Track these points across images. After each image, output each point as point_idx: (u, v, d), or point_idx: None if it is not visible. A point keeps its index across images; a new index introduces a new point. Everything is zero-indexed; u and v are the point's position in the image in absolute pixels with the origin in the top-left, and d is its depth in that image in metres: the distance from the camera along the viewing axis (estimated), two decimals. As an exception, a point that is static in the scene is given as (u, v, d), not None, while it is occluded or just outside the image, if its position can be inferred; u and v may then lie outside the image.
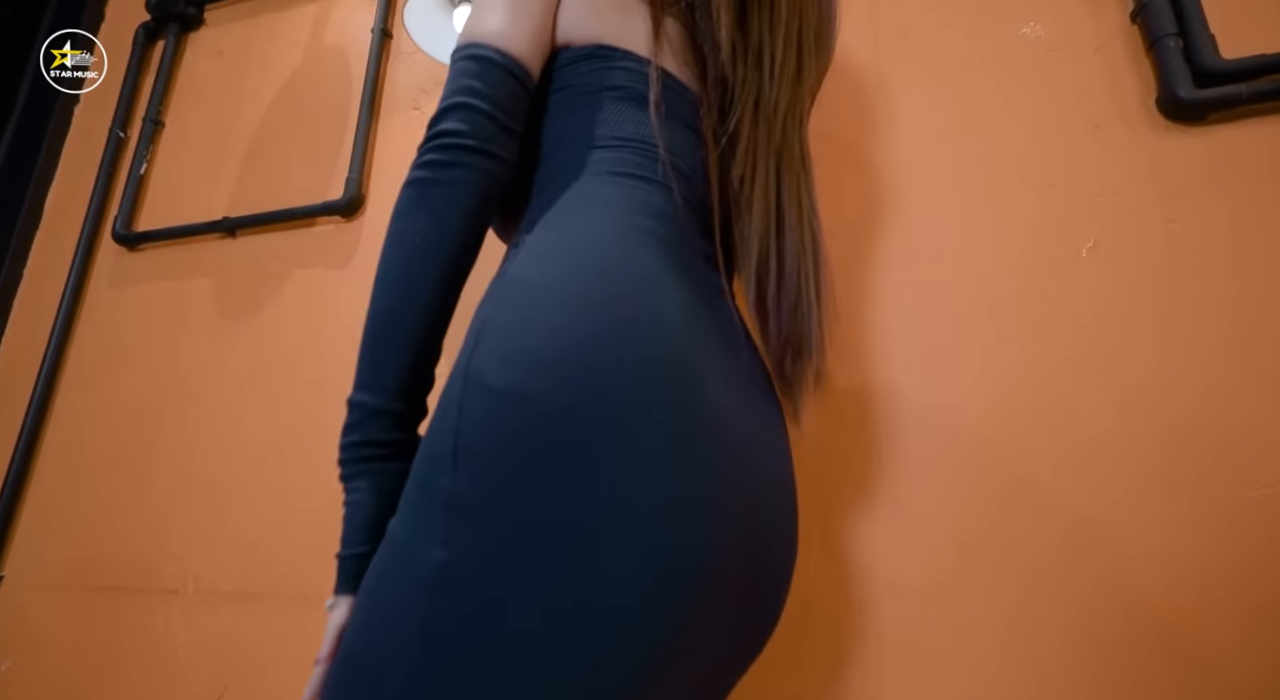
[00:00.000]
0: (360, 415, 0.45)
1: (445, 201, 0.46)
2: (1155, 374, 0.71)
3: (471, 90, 0.47)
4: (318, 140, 1.21)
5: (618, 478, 0.38)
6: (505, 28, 0.50)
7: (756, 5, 0.54)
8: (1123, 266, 0.74)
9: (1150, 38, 0.79)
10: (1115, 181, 0.77)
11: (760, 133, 0.54)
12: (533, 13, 0.51)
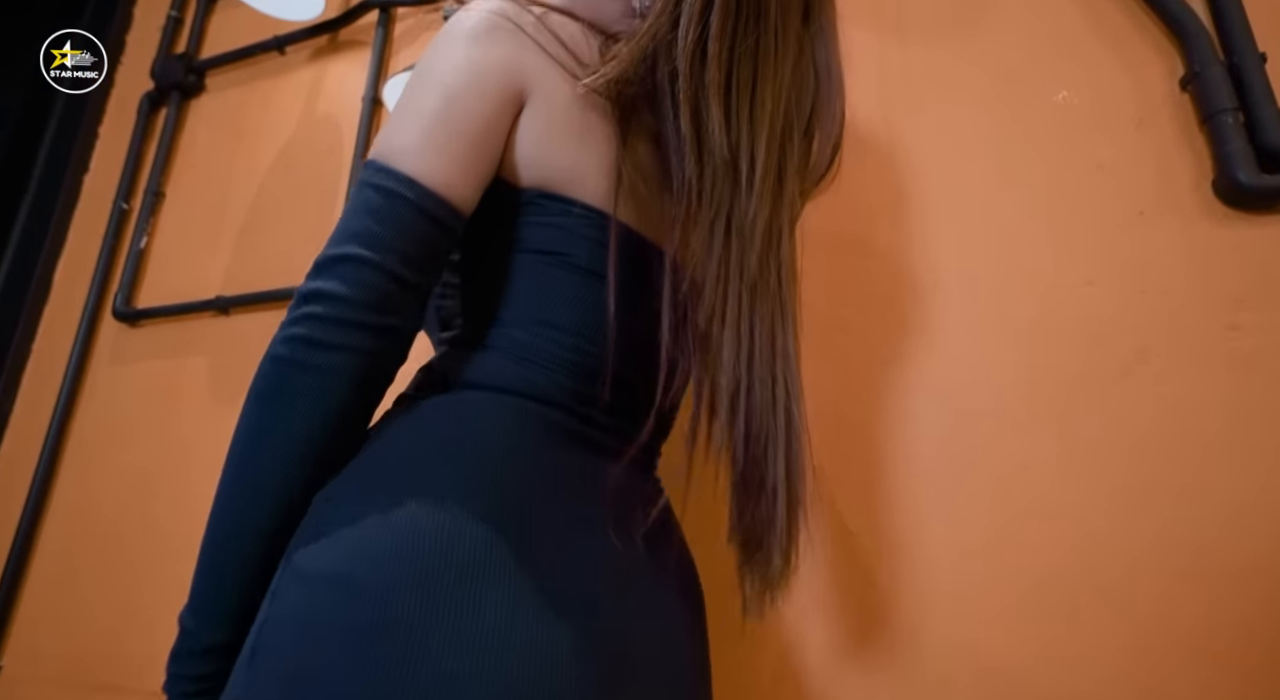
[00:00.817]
0: (186, 645, 0.39)
1: (311, 395, 0.38)
2: (1220, 510, 0.61)
3: (367, 236, 0.39)
4: (309, 215, 1.18)
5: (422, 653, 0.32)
6: (426, 147, 0.41)
7: (736, 93, 0.44)
8: (1177, 381, 0.64)
9: (1204, 111, 0.69)
10: (1165, 278, 0.68)
11: (732, 260, 0.44)
12: (469, 129, 0.42)
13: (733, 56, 0.44)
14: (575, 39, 0.47)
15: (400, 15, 1.26)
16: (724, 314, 0.44)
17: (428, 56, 0.44)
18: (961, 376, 0.72)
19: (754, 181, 0.45)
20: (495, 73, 0.43)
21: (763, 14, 0.45)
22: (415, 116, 0.41)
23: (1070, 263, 0.71)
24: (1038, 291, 0.71)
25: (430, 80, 0.42)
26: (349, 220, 0.40)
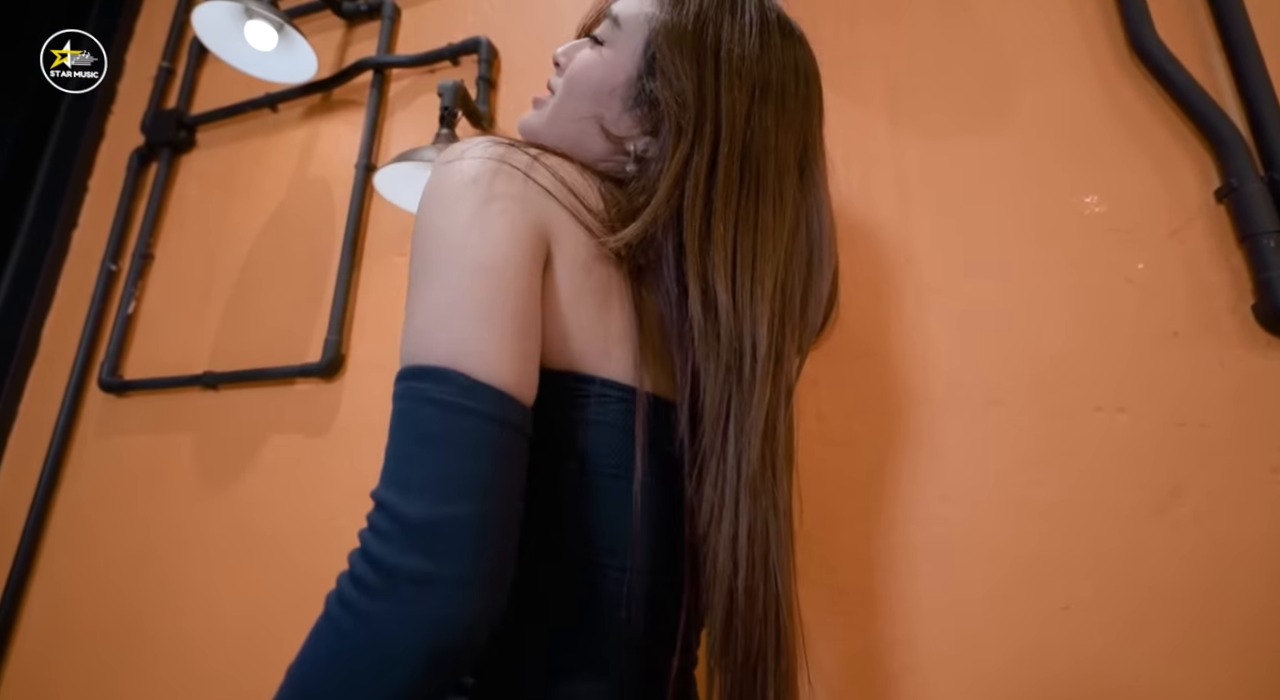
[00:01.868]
0: None
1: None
2: (1261, 672, 0.57)
3: (472, 482, 0.32)
4: (299, 286, 1.14)
5: None
6: (491, 341, 0.34)
7: (739, 272, 0.42)
8: (1217, 525, 0.60)
9: (1243, 229, 0.65)
10: (1202, 409, 0.63)
11: (730, 458, 0.41)
12: (521, 308, 0.36)
13: (737, 234, 0.42)
14: (578, 183, 0.44)
15: (395, 76, 1.22)
16: (720, 520, 0.41)
17: (438, 218, 0.38)
18: (978, 515, 0.67)
19: (756, 371, 0.42)
20: (528, 234, 0.38)
21: (762, 182, 0.44)
22: (462, 305, 0.35)
23: (1099, 386, 0.67)
24: (1063, 417, 0.67)
25: (459, 254, 0.36)
26: (437, 459, 0.32)
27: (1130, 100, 0.74)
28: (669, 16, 0.46)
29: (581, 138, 0.49)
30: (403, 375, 0.35)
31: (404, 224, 1.09)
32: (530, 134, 0.52)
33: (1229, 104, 0.70)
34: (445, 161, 0.40)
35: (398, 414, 0.34)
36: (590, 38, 0.51)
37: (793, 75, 0.49)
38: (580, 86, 0.48)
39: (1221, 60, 0.72)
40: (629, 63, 0.48)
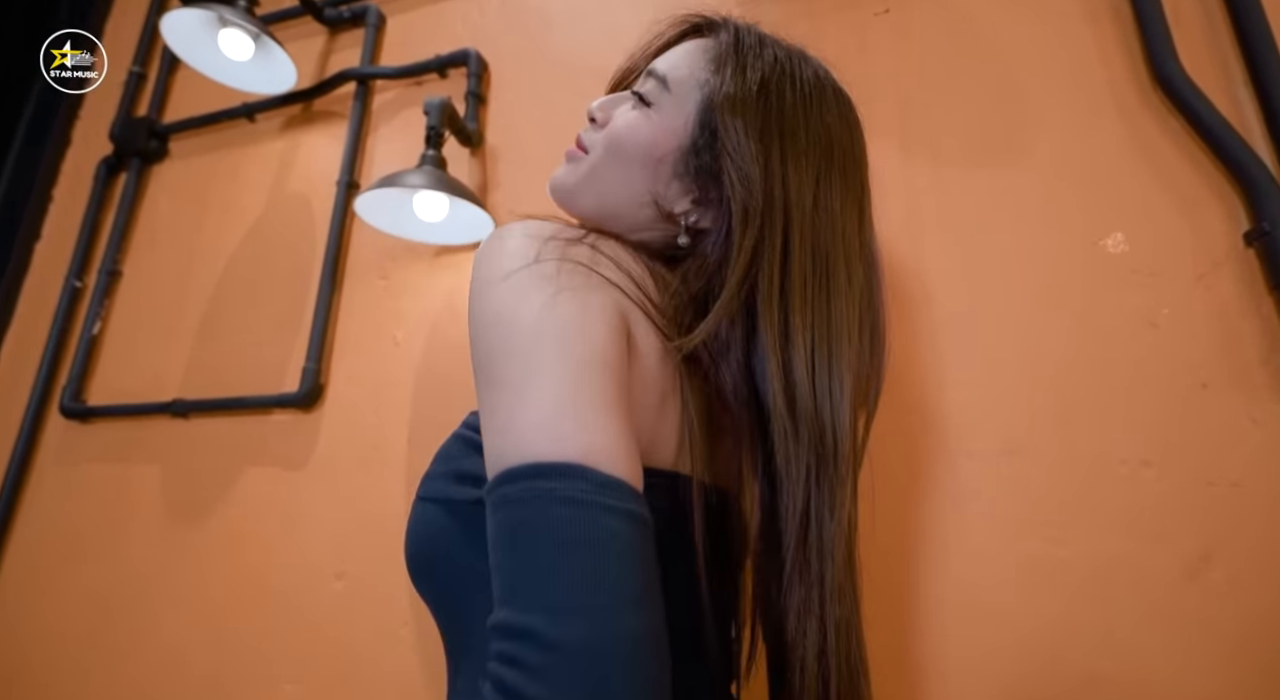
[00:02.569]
0: None
1: None
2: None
3: (613, 597, 0.27)
4: (276, 308, 1.08)
5: None
6: (617, 435, 0.31)
7: (817, 369, 0.39)
8: (1250, 594, 0.57)
9: (1274, 277, 0.62)
10: (1233, 468, 0.60)
11: (813, 562, 0.37)
12: (622, 398, 0.33)
13: (814, 328, 0.40)
14: (637, 271, 0.40)
15: (379, 87, 1.16)
16: (806, 629, 0.37)
17: (519, 310, 0.33)
18: (993, 570, 0.64)
19: (840, 470, 0.39)
20: (618, 325, 0.35)
21: (833, 269, 0.41)
22: (582, 397, 0.31)
23: (1123, 438, 0.63)
24: (1085, 469, 0.64)
25: (562, 347, 0.32)
26: (586, 568, 0.28)
27: (1153, 135, 0.71)
28: (731, 87, 0.43)
29: (623, 203, 0.46)
30: (515, 475, 0.29)
31: (386, 246, 1.04)
32: (565, 194, 0.48)
33: (1258, 141, 0.67)
34: (499, 254, 0.36)
35: (520, 522, 0.29)
36: (634, 95, 0.47)
37: (849, 144, 0.46)
38: (626, 150, 0.45)
39: (1249, 95, 0.69)
40: (681, 130, 0.45)
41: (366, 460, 0.94)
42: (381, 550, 0.89)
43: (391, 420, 0.94)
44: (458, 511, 0.38)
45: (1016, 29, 0.80)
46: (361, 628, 0.87)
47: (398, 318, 1.00)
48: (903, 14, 0.86)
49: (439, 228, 0.95)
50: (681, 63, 0.46)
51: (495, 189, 1.01)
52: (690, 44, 0.49)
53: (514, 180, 1.01)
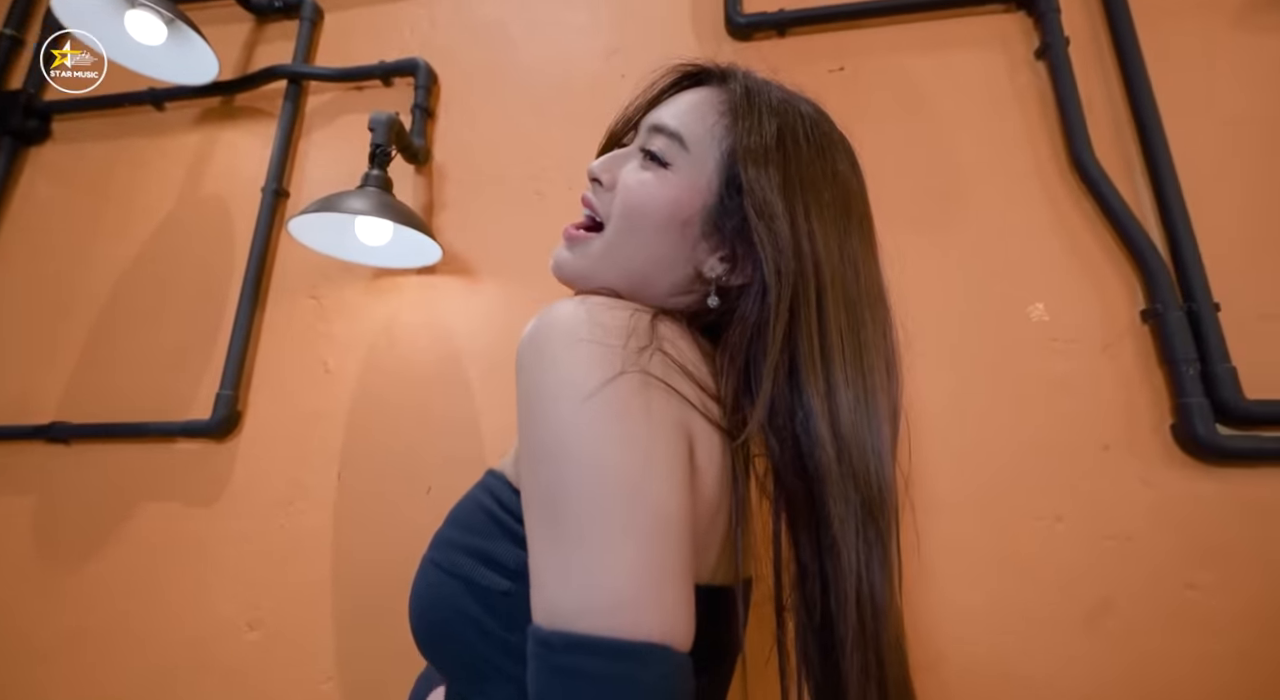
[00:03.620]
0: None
1: None
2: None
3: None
4: (185, 325, 0.98)
5: None
6: (689, 611, 0.30)
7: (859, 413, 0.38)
8: (1139, 638, 0.64)
9: (1164, 353, 0.70)
10: (1128, 523, 0.68)
11: (867, 632, 0.36)
12: (686, 547, 0.31)
13: (852, 383, 0.38)
14: (694, 363, 0.38)
15: (312, 88, 1.08)
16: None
17: (595, 446, 0.31)
18: (922, 616, 0.68)
19: (890, 520, 0.38)
20: (684, 459, 0.33)
21: (862, 319, 0.41)
22: (663, 568, 0.29)
23: (1042, 496, 0.70)
24: (1002, 523, 0.70)
25: (638, 499, 0.30)
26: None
27: (1069, 213, 0.79)
28: (750, 140, 0.41)
29: (652, 272, 0.43)
30: (597, 648, 0.28)
31: (318, 262, 0.96)
32: (578, 276, 0.45)
33: (1152, 228, 0.76)
34: (568, 361, 0.33)
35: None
36: (645, 154, 0.44)
37: (860, 190, 0.46)
38: (649, 216, 0.42)
39: (1146, 183, 0.78)
40: (705, 188, 0.42)
41: (289, 498, 0.87)
42: (303, 597, 0.82)
43: (320, 455, 0.87)
44: (482, 597, 0.35)
45: (956, 100, 0.86)
46: (278, 683, 0.80)
47: (330, 342, 0.93)
48: (855, 73, 0.90)
49: (381, 251, 0.89)
50: (692, 117, 0.44)
51: (442, 210, 0.97)
52: (695, 96, 0.46)
53: (463, 201, 0.96)
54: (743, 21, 0.94)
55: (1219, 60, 0.80)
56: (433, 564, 0.39)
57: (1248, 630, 0.63)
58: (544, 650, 0.29)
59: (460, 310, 0.91)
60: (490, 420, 0.85)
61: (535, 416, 0.33)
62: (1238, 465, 0.67)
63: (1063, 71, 0.82)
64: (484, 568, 0.36)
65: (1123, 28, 0.82)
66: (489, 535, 0.37)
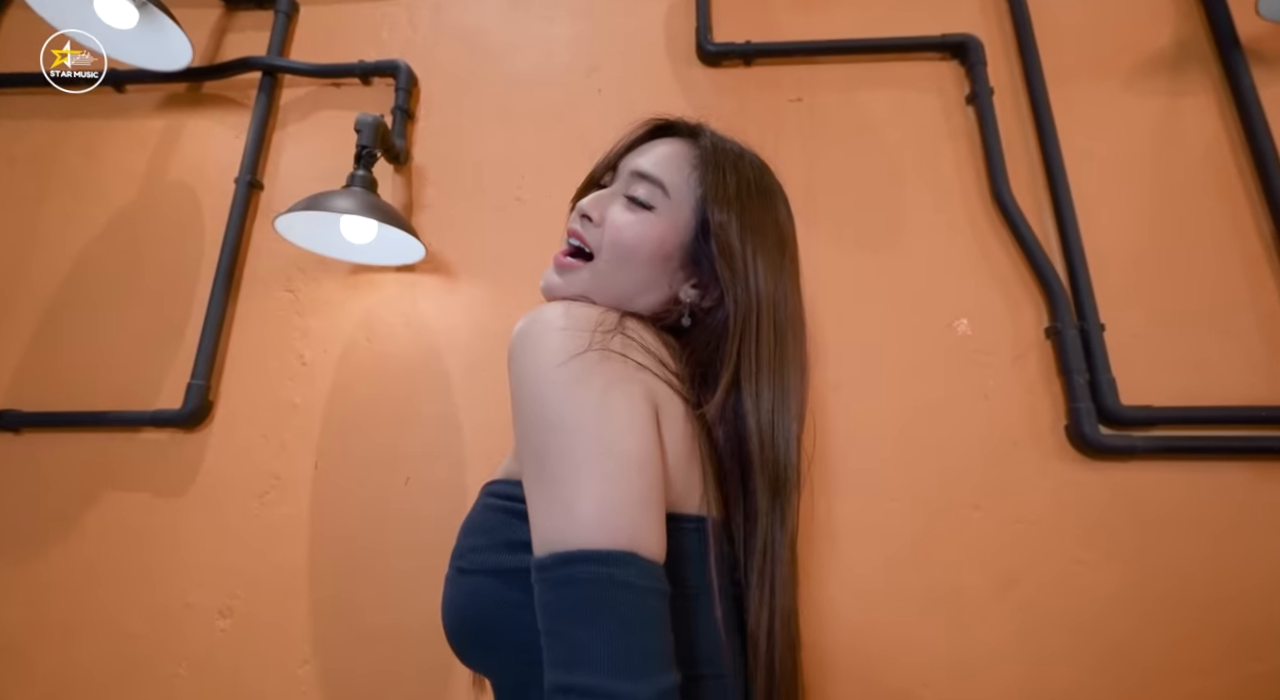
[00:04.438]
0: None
1: None
2: (1061, 721, 0.73)
3: (665, 653, 0.36)
4: (150, 312, 0.97)
5: None
6: (647, 521, 0.38)
7: (778, 410, 0.49)
8: (1038, 609, 0.76)
9: (1062, 364, 0.83)
10: (1031, 509, 0.80)
11: (766, 573, 0.47)
12: (659, 484, 0.40)
13: (775, 386, 0.49)
14: (659, 349, 0.47)
15: (287, 81, 1.08)
16: (762, 613, 0.46)
17: (567, 409, 0.39)
18: (865, 593, 0.78)
19: (794, 488, 0.48)
20: (651, 415, 0.42)
21: (786, 339, 0.51)
22: (631, 494, 0.37)
23: (965, 486, 0.81)
24: (929, 511, 0.80)
25: (608, 445, 0.38)
26: (647, 640, 0.35)
27: (990, 241, 0.91)
28: (718, 191, 0.51)
29: (635, 295, 0.52)
30: (576, 559, 0.35)
31: (293, 256, 0.97)
32: (571, 296, 0.52)
33: (1055, 258, 0.89)
34: (544, 348, 0.41)
35: (583, 599, 0.35)
36: (632, 200, 0.52)
37: (791, 232, 0.56)
38: (638, 253, 0.51)
39: (1051, 217, 0.91)
40: (684, 228, 0.52)
41: (263, 488, 0.88)
42: (278, 585, 0.84)
43: (296, 446, 0.89)
44: (514, 580, 0.40)
45: (899, 134, 0.97)
46: (252, 669, 0.81)
47: (306, 336, 0.94)
48: (811, 104, 1.00)
49: (365, 248, 0.92)
50: (670, 167, 0.53)
51: (422, 210, 1.00)
52: (669, 147, 0.54)
53: (442, 203, 1.00)
54: (713, 49, 1.01)
55: (1111, 117, 0.94)
56: (459, 572, 0.44)
57: (1122, 594, 0.75)
58: (540, 573, 0.36)
59: (439, 308, 0.94)
60: (470, 416, 0.89)
61: (520, 391, 0.41)
62: (1114, 459, 0.80)
63: (988, 117, 0.94)
64: (509, 554, 0.42)
65: (1036, 84, 0.95)
66: (507, 527, 0.43)
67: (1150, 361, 0.82)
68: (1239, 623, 0.74)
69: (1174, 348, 0.83)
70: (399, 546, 0.84)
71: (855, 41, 1.00)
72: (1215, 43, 0.95)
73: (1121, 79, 0.96)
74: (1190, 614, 0.74)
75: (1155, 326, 0.84)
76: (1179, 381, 0.82)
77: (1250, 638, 0.73)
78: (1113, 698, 0.73)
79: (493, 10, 1.10)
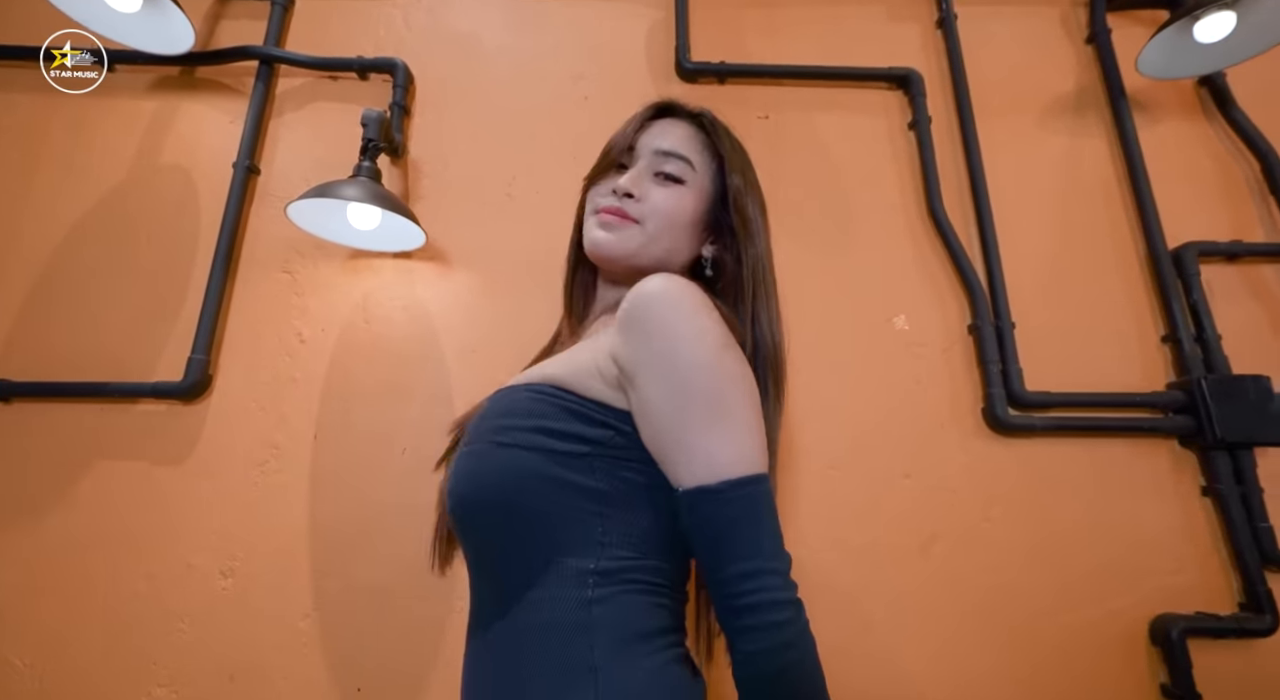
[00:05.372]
0: None
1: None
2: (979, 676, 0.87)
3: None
4: (142, 290, 1.00)
5: None
6: (764, 455, 0.50)
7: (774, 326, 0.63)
8: (954, 561, 0.90)
9: (980, 355, 0.98)
10: (951, 478, 0.94)
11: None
12: None
13: (772, 312, 0.64)
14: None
15: (283, 72, 1.12)
16: None
17: (715, 361, 0.50)
18: (819, 553, 0.91)
19: (784, 384, 0.62)
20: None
21: (773, 280, 0.65)
22: (758, 430, 0.50)
23: (900, 459, 0.94)
24: (871, 481, 0.94)
25: (742, 389, 0.50)
26: (775, 528, 0.49)
27: (924, 249, 1.05)
28: (731, 163, 0.63)
29: (673, 255, 0.62)
30: (750, 481, 0.47)
31: (291, 239, 1.02)
32: (624, 255, 0.61)
33: (978, 263, 1.04)
34: (691, 311, 0.51)
35: (759, 509, 0.47)
36: (666, 177, 0.62)
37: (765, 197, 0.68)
38: (678, 221, 0.61)
39: (975, 231, 1.06)
40: (706, 196, 0.63)
41: (263, 458, 0.93)
42: (278, 545, 0.89)
43: (295, 418, 0.94)
44: (562, 461, 0.49)
45: (850, 152, 1.10)
46: (253, 624, 0.87)
47: (304, 315, 0.99)
48: (777, 121, 1.12)
49: (369, 234, 0.98)
50: (692, 145, 0.63)
51: (418, 201, 1.06)
52: (683, 128, 0.65)
53: (437, 195, 1.07)
54: (690, 67, 1.12)
55: (1026, 148, 1.10)
56: (497, 446, 0.50)
57: (1018, 546, 0.91)
58: (712, 495, 0.47)
59: (436, 294, 1.01)
60: (464, 393, 0.96)
61: (676, 343, 0.49)
62: (1018, 436, 0.95)
63: (925, 142, 1.09)
64: (559, 440, 0.50)
65: (966, 116, 1.10)
66: (560, 418, 0.51)
67: (1050, 354, 0.98)
68: (1107, 568, 0.90)
69: (1068, 343, 0.99)
70: (395, 508, 0.91)
71: (815, 68, 1.13)
72: (1107, 92, 1.12)
73: (1035, 117, 1.12)
74: (1069, 562, 0.90)
75: (1055, 325, 1.00)
76: (1071, 371, 0.98)
77: (1114, 580, 0.90)
78: (1005, 629, 0.88)
79: (486, 18, 1.17)
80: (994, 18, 1.18)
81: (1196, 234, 1.04)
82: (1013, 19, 1.18)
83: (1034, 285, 1.02)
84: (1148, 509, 0.93)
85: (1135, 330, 1.01)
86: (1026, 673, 0.86)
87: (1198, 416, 0.94)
